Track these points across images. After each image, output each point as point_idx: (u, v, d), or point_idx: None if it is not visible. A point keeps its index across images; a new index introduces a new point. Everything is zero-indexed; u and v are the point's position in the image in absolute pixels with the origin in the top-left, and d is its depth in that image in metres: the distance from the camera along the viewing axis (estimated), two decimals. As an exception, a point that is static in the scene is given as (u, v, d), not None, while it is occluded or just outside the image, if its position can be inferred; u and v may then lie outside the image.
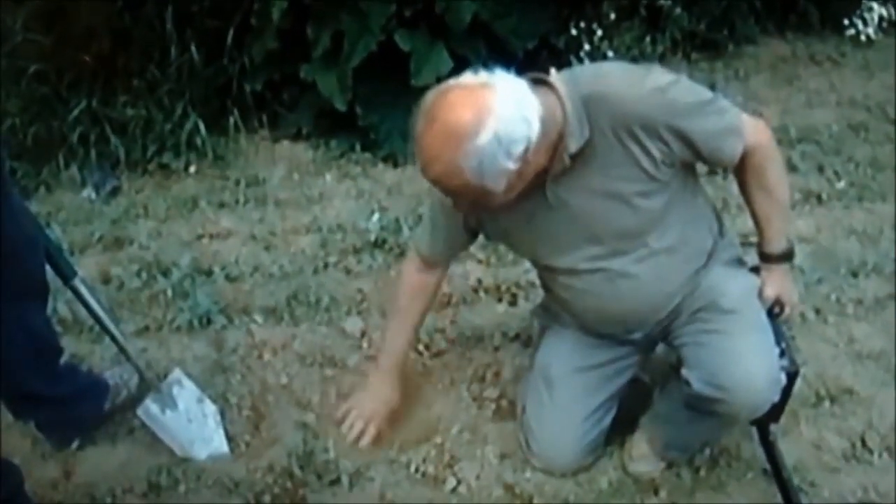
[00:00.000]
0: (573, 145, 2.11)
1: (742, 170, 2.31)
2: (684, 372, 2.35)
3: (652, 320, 2.43)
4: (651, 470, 2.64)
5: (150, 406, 2.72)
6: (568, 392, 2.58)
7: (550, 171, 2.17)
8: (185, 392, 2.77)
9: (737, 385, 2.24)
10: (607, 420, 2.63)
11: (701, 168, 2.41)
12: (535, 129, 2.01)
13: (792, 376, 2.40)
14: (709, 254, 2.42)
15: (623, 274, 2.32)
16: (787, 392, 2.40)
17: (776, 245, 2.41)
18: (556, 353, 2.62)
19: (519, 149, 1.99)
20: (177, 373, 2.80)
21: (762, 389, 2.28)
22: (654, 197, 2.23)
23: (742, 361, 2.26)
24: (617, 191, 2.21)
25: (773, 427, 2.57)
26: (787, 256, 2.44)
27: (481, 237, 2.56)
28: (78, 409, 2.69)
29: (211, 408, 2.78)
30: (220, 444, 2.72)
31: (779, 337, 2.37)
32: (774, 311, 2.42)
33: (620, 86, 2.14)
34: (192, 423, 2.73)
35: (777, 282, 2.43)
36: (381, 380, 2.74)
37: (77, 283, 2.55)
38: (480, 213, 2.36)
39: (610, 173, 2.18)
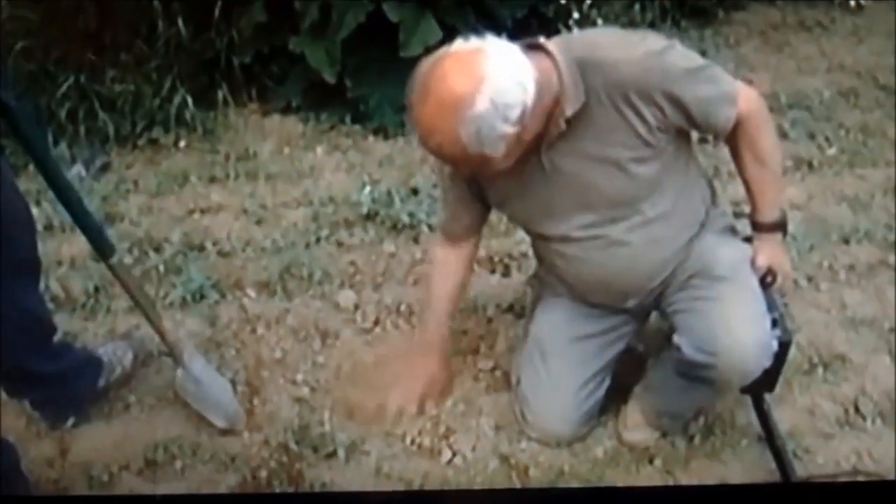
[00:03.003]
0: (569, 109, 2.12)
1: (734, 137, 2.31)
2: (676, 338, 2.36)
3: (645, 288, 2.44)
4: (645, 439, 2.65)
5: (185, 382, 2.71)
6: (562, 362, 2.59)
7: (546, 137, 2.18)
8: (206, 367, 2.78)
9: (727, 350, 2.25)
10: (602, 390, 2.64)
11: (693, 136, 2.41)
12: (530, 92, 2.02)
13: (785, 345, 2.39)
14: (702, 222, 2.42)
15: (617, 241, 2.32)
16: (780, 361, 2.40)
17: (768, 214, 2.41)
18: (550, 324, 2.63)
19: (515, 113, 2.00)
20: (191, 348, 2.80)
21: (752, 355, 2.28)
22: (648, 163, 2.23)
23: (732, 327, 2.26)
24: (612, 156, 2.21)
25: (767, 396, 2.58)
26: (780, 226, 2.44)
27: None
28: (72, 386, 2.69)
29: (225, 381, 2.79)
30: (238, 414, 2.73)
31: (771, 306, 2.36)
32: (767, 280, 2.41)
33: (615, 51, 2.15)
34: (218, 395, 2.74)
35: (769, 251, 2.43)
36: (429, 361, 2.77)
37: (115, 261, 2.53)
38: (480, 180, 2.38)
39: (605, 139, 2.19)
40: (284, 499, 2.53)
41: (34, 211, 2.69)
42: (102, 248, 2.51)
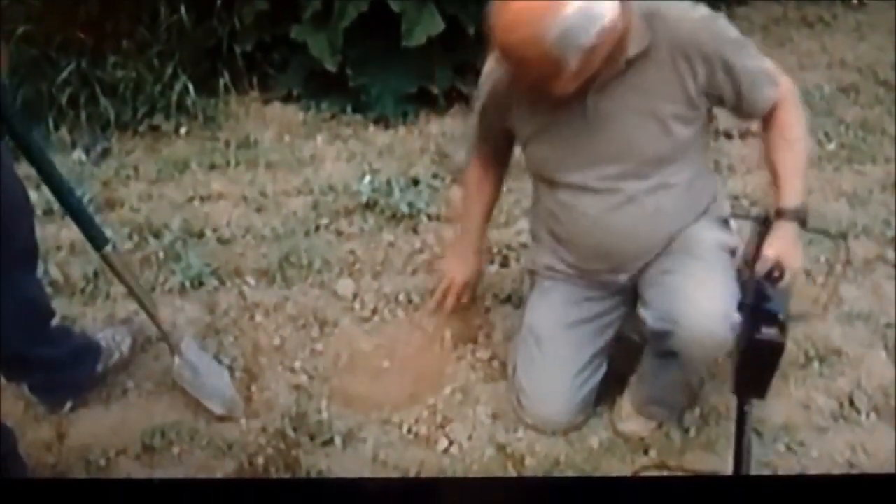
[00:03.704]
0: (633, 49, 2.17)
1: (768, 120, 2.35)
2: (641, 311, 2.41)
3: (638, 259, 2.46)
4: (640, 430, 2.66)
5: (182, 370, 2.72)
6: (557, 348, 2.61)
7: (599, 78, 2.20)
8: (202, 355, 2.79)
9: (686, 317, 2.28)
10: (597, 377, 2.65)
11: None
12: (614, 11, 2.05)
13: (778, 348, 2.27)
14: (703, 211, 2.45)
15: (632, 199, 2.35)
16: (772, 365, 2.31)
17: (790, 200, 2.33)
18: (544, 310, 2.65)
19: (601, 25, 2.03)
20: (188, 339, 2.81)
21: (712, 325, 2.27)
22: (687, 126, 2.29)
23: (693, 296, 2.30)
24: (656, 111, 2.26)
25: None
26: (799, 216, 2.35)
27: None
28: (71, 371, 2.70)
29: (222, 368, 2.81)
30: (235, 401, 2.74)
31: (776, 304, 2.28)
32: (773, 275, 2.30)
33: (677, 8, 2.24)
34: (215, 382, 2.76)
35: (781, 242, 2.33)
36: (467, 261, 2.82)
37: (108, 251, 2.55)
38: (519, 109, 2.40)
39: (654, 92, 2.25)
40: (281, 485, 2.53)
41: (33, 196, 2.69)
42: (95, 239, 2.54)
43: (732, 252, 2.46)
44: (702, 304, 2.28)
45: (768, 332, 2.23)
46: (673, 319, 2.30)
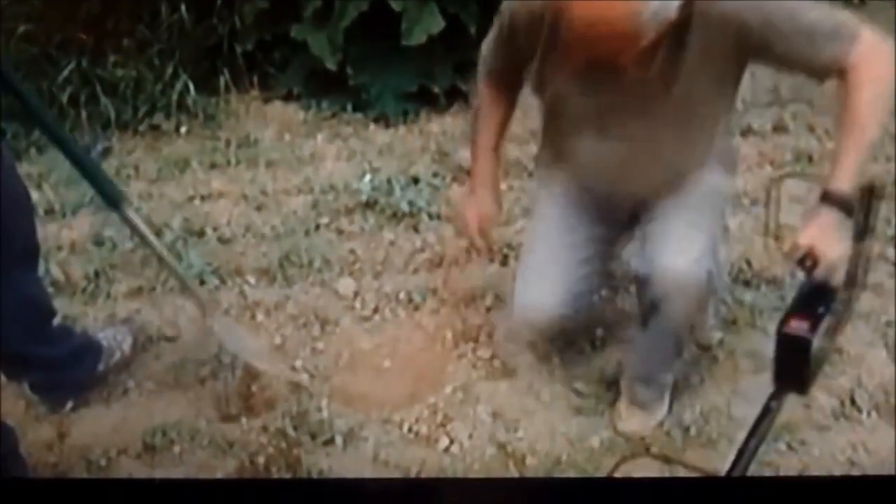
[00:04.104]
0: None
1: (840, 83, 2.17)
2: (633, 261, 2.49)
3: (639, 192, 2.46)
4: (641, 429, 2.66)
5: (221, 327, 2.73)
6: (553, 244, 2.57)
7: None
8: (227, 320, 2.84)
9: (659, 258, 2.32)
10: (591, 284, 2.65)
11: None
12: None
13: (800, 344, 2.12)
14: (713, 154, 2.44)
15: (652, 140, 2.31)
16: (798, 360, 2.16)
17: (839, 182, 2.13)
18: (543, 228, 2.63)
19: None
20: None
21: (683, 267, 2.29)
22: (724, 84, 2.26)
23: (670, 239, 2.34)
24: (696, 69, 2.16)
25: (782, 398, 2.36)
26: (843, 204, 2.14)
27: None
28: (72, 370, 2.70)
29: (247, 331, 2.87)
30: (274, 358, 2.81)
31: (820, 302, 2.14)
32: (805, 264, 2.13)
33: None
34: (250, 341, 2.82)
35: (817, 229, 2.14)
36: (486, 192, 2.63)
37: (125, 208, 2.49)
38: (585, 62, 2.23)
39: (696, 47, 2.13)
40: (282, 485, 2.53)
41: (35, 195, 2.70)
42: (110, 196, 2.47)
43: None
44: (675, 246, 2.31)
45: (796, 325, 2.11)
46: (650, 261, 2.33)
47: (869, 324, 3.01)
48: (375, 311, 3.10)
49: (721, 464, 2.55)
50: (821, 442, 2.64)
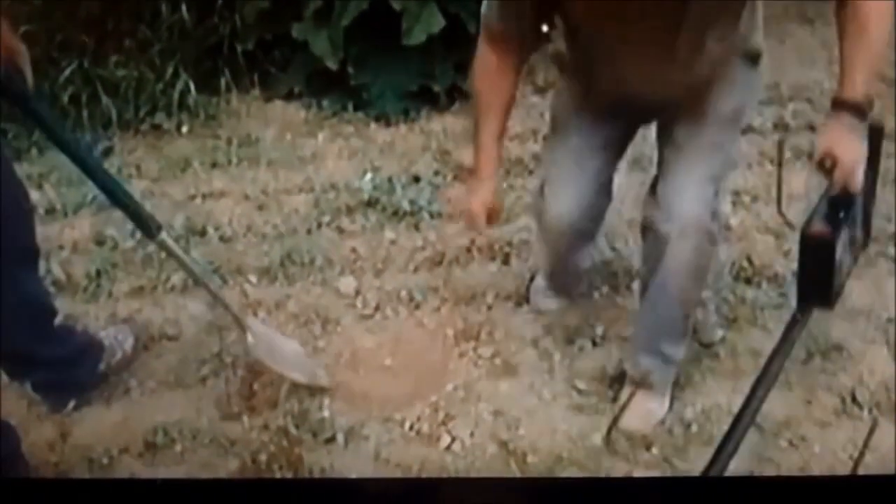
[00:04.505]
0: None
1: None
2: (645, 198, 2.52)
3: (660, 95, 2.43)
4: (643, 427, 2.66)
5: (258, 346, 2.72)
6: (574, 154, 2.61)
7: None
8: (270, 330, 2.84)
9: (665, 196, 2.41)
10: (606, 193, 2.70)
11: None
12: None
13: (823, 245, 2.20)
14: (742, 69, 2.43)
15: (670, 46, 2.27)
16: (821, 265, 2.23)
17: (849, 91, 2.17)
18: (563, 141, 2.66)
19: None
20: (251, 317, 2.85)
21: (688, 204, 2.38)
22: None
23: (677, 177, 2.41)
24: None
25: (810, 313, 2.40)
26: (858, 110, 2.17)
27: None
28: (74, 370, 2.70)
29: (291, 339, 2.88)
30: (315, 368, 2.82)
31: (841, 207, 2.21)
32: (826, 166, 2.17)
33: None
34: (291, 353, 2.82)
35: (834, 134, 2.18)
36: (485, 184, 2.54)
37: (163, 237, 2.53)
38: None
39: None
40: (283, 483, 2.54)
41: (35, 195, 2.70)
42: (147, 227, 2.51)
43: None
44: (682, 183, 2.38)
45: (819, 228, 2.19)
46: (656, 202, 2.41)
47: (870, 321, 3.01)
48: (377, 309, 3.10)
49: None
50: (822, 439, 2.64)
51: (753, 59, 2.45)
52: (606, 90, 2.50)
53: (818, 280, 2.26)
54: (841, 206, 2.21)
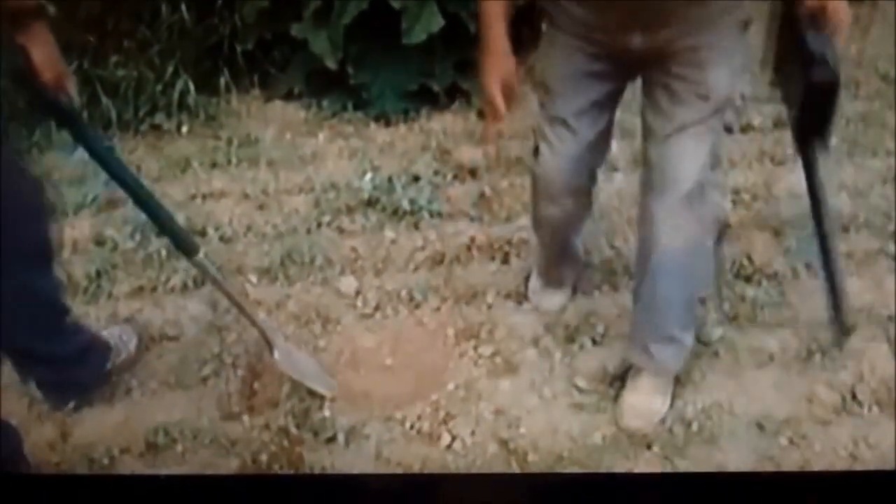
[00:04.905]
0: None
1: None
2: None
3: (655, 22, 2.36)
4: (643, 425, 2.67)
5: (285, 361, 2.77)
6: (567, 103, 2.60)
7: None
8: (291, 346, 2.86)
9: (662, 166, 2.45)
10: (602, 144, 2.68)
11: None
12: None
13: (830, 87, 2.33)
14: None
15: None
16: (828, 106, 2.37)
17: None
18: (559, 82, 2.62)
19: None
20: (277, 331, 2.87)
21: (674, 165, 2.43)
22: None
23: (673, 169, 2.45)
24: None
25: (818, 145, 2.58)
26: None
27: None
28: (80, 369, 2.71)
29: (309, 356, 2.90)
30: (332, 382, 2.83)
31: (823, 48, 2.29)
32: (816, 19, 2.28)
33: None
34: (312, 367, 2.85)
35: None
36: (500, 59, 2.51)
37: (200, 258, 2.59)
38: None
39: None
40: (284, 482, 2.54)
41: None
42: (185, 247, 2.59)
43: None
44: (669, 143, 2.44)
45: (820, 71, 2.29)
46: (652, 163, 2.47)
47: (870, 319, 3.01)
48: (377, 309, 3.11)
49: (723, 459, 2.57)
50: (822, 437, 2.64)
51: (744, 24, 2.45)
52: (598, 39, 2.46)
53: (822, 121, 2.42)
54: (828, 51, 2.30)
